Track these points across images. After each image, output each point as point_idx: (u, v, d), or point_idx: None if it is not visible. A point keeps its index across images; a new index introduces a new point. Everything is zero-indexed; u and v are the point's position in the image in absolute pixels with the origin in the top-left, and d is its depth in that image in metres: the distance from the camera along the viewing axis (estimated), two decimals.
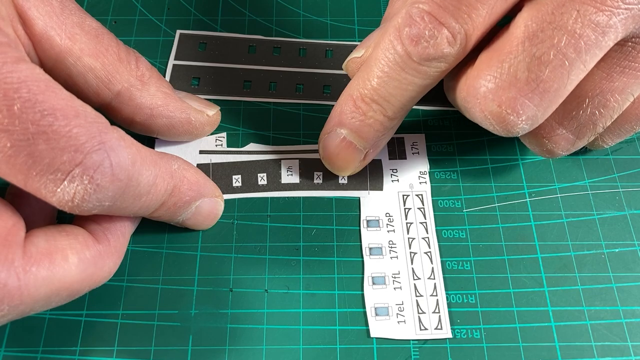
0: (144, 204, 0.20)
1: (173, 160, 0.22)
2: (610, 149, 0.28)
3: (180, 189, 0.22)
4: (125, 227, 0.22)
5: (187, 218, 0.23)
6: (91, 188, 0.17)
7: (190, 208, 0.23)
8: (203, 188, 0.23)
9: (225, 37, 0.30)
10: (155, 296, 0.23)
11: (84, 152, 0.17)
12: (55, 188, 0.17)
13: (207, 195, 0.23)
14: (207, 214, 0.24)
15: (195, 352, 0.22)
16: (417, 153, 0.27)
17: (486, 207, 0.26)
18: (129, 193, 0.19)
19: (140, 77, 0.23)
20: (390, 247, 0.25)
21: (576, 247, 0.25)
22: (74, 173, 0.17)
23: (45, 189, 0.17)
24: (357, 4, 0.32)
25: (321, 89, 0.29)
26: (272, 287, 0.24)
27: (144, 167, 0.19)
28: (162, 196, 0.21)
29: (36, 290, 0.18)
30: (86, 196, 0.17)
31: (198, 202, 0.23)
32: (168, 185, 0.21)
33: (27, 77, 0.17)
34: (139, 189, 0.19)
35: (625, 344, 0.23)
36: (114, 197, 0.18)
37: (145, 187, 0.20)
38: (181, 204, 0.22)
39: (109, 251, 0.20)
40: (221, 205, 0.25)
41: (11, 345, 0.22)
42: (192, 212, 0.23)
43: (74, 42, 0.21)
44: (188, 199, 0.22)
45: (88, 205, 0.18)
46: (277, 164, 0.27)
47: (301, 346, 0.23)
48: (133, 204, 0.20)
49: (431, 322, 0.23)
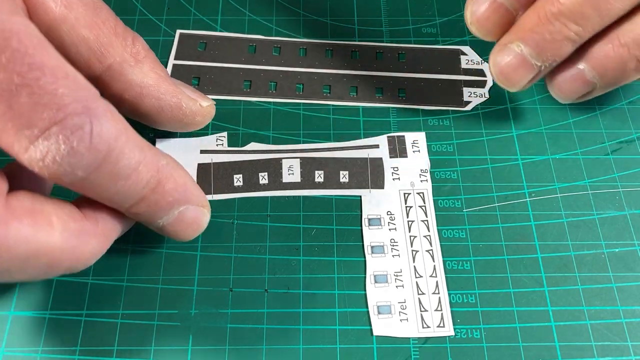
0: (121, 190, 0.19)
1: (163, 155, 0.20)
2: (610, 148, 0.28)
3: (164, 187, 0.20)
4: (118, 217, 0.21)
5: (167, 223, 0.21)
6: (65, 150, 0.17)
7: (172, 212, 0.21)
8: (190, 193, 0.21)
9: (225, 37, 0.30)
10: (155, 296, 0.23)
11: (66, 112, 0.16)
12: (28, 144, 0.16)
13: (192, 203, 0.21)
14: (190, 223, 0.22)
15: (195, 352, 0.22)
16: (417, 151, 0.27)
17: (486, 207, 0.26)
18: (105, 169, 0.18)
19: (134, 54, 0.23)
20: (392, 245, 0.25)
21: (576, 247, 0.25)
22: (50, 131, 0.16)
23: (19, 144, 0.16)
24: (357, 4, 0.32)
25: (321, 89, 0.29)
26: (272, 287, 0.24)
27: (128, 147, 0.18)
28: (143, 188, 0.19)
29: (15, 246, 0.17)
30: (58, 157, 0.17)
31: (182, 207, 0.21)
32: (152, 178, 0.20)
33: (20, 30, 0.16)
34: (117, 168, 0.18)
35: (625, 344, 0.23)
36: (88, 168, 0.17)
37: (125, 169, 0.18)
38: (163, 203, 0.20)
39: (95, 231, 0.20)
40: (207, 217, 0.22)
41: (11, 345, 0.22)
42: (174, 218, 0.21)
43: (69, 11, 0.21)
44: (171, 201, 0.21)
45: (59, 169, 0.17)
46: (278, 163, 0.27)
47: (301, 346, 0.23)
48: (109, 185, 0.18)
49: (433, 320, 0.23)
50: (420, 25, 0.32)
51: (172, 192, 0.20)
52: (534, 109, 0.29)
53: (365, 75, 0.30)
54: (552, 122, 0.28)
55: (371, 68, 0.30)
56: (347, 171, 0.27)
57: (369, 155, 0.27)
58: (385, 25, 0.32)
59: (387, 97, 0.29)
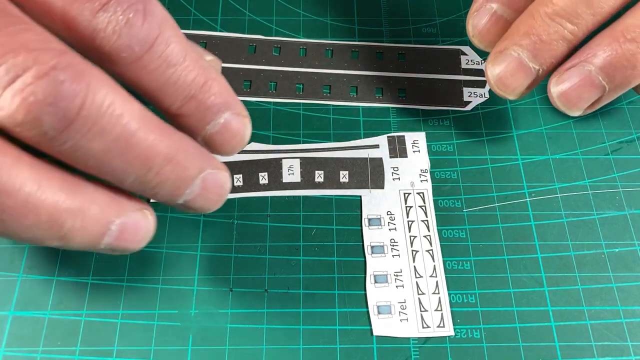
0: (172, 78, 0.19)
1: (204, 58, 0.21)
2: (610, 148, 0.28)
3: (211, 87, 0.20)
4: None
5: (215, 131, 0.21)
6: (122, 20, 0.18)
7: (220, 118, 0.21)
8: (233, 99, 0.21)
9: (225, 37, 0.30)
10: (155, 296, 0.23)
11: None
12: (90, 16, 0.17)
13: (236, 109, 0.21)
14: (235, 133, 0.21)
15: (195, 352, 0.22)
16: (417, 151, 0.27)
17: (486, 207, 0.26)
18: (158, 49, 0.19)
19: None
20: (392, 245, 0.25)
21: (576, 247, 0.25)
22: (109, 4, 0.17)
23: (82, 16, 0.17)
24: (357, 4, 0.32)
25: (321, 89, 0.29)
26: (272, 287, 0.24)
27: (175, 34, 0.19)
28: (192, 82, 0.20)
29: None
30: (117, 27, 0.18)
31: (227, 113, 0.21)
32: (198, 75, 0.20)
33: None
34: (168, 51, 0.19)
35: (625, 344, 0.23)
36: (144, 43, 0.18)
37: (174, 54, 0.19)
38: (210, 104, 0.20)
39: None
40: (249, 128, 0.22)
41: (11, 345, 0.22)
42: (220, 125, 0.21)
43: None
44: (219, 103, 0.20)
45: (117, 41, 0.18)
46: (278, 163, 0.27)
47: (301, 346, 0.23)
48: (162, 71, 0.19)
49: (433, 320, 0.23)
50: (420, 25, 0.32)
51: (218, 94, 0.20)
52: (534, 109, 0.29)
53: (365, 75, 0.30)
54: (552, 122, 0.28)
55: (371, 68, 0.30)
56: (347, 171, 0.27)
57: (369, 155, 0.27)
58: (385, 25, 0.32)
59: (387, 97, 0.29)
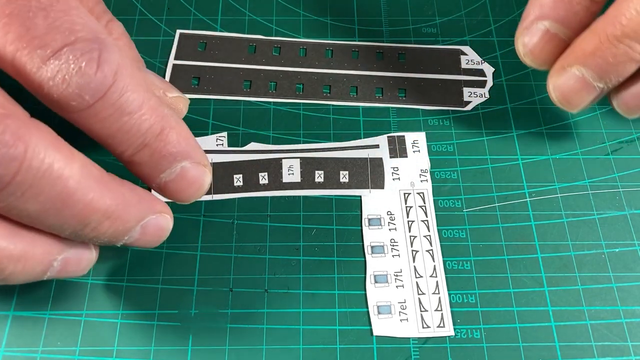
0: (125, 127, 0.19)
1: (165, 105, 0.20)
2: (610, 148, 0.28)
3: (168, 136, 0.20)
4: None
5: (169, 180, 0.20)
6: (74, 69, 0.17)
7: (175, 167, 0.20)
8: (192, 148, 0.21)
9: (225, 37, 0.30)
10: (155, 296, 0.23)
11: (77, 36, 0.17)
12: (41, 63, 0.17)
13: (195, 159, 0.21)
14: (192, 182, 0.21)
15: (195, 352, 0.22)
16: (417, 151, 0.27)
17: (486, 207, 0.26)
18: (111, 98, 0.18)
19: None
20: (392, 245, 0.25)
21: (576, 247, 0.25)
22: (62, 51, 0.17)
23: (31, 63, 0.17)
24: (357, 4, 0.32)
25: (321, 89, 0.29)
26: (272, 287, 0.24)
27: (133, 83, 0.18)
28: (147, 131, 0.19)
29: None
30: (67, 76, 0.17)
31: (184, 162, 0.20)
32: (155, 123, 0.19)
33: None
34: (122, 100, 0.18)
35: (625, 344, 0.23)
36: (95, 93, 0.18)
37: (129, 103, 0.18)
38: (166, 153, 0.20)
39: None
40: (208, 178, 0.22)
41: (11, 345, 0.22)
42: (176, 174, 0.20)
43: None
44: (174, 152, 0.20)
45: (67, 90, 0.17)
46: (278, 163, 0.27)
47: (301, 346, 0.23)
48: (114, 119, 0.18)
49: (433, 320, 0.23)
50: (420, 25, 0.32)
51: (175, 144, 0.20)
52: (534, 109, 0.29)
53: (365, 75, 0.30)
54: (552, 122, 0.28)
55: (371, 68, 0.30)
56: (347, 171, 0.27)
57: (369, 155, 0.27)
58: (385, 25, 0.32)
59: (387, 97, 0.29)
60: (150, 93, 0.19)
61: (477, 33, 0.31)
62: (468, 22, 0.32)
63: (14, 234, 0.18)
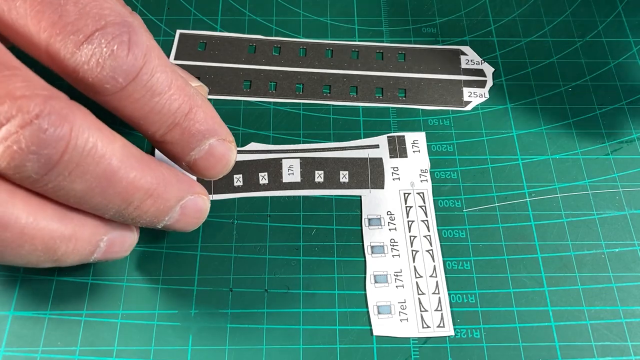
0: (156, 107, 0.19)
1: (190, 85, 0.21)
2: (610, 148, 0.28)
3: (196, 114, 0.20)
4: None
5: (199, 157, 0.21)
6: (106, 52, 0.18)
7: (204, 144, 0.21)
8: (218, 125, 0.21)
9: (225, 37, 0.30)
10: (155, 296, 0.23)
11: (107, 20, 0.18)
12: (74, 49, 0.18)
13: (221, 135, 0.21)
14: (220, 158, 0.22)
15: (195, 352, 0.22)
16: (417, 151, 0.27)
17: (486, 207, 0.26)
18: (143, 80, 0.19)
19: None
20: (392, 245, 0.25)
21: (576, 247, 0.25)
22: (94, 36, 0.18)
23: (65, 49, 0.18)
24: (357, 4, 0.32)
25: (321, 89, 0.29)
26: (272, 287, 0.24)
27: (161, 64, 0.19)
28: (177, 111, 0.20)
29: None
30: (100, 59, 0.18)
31: (212, 139, 0.21)
32: (184, 103, 0.20)
33: None
34: (152, 80, 0.19)
35: (625, 344, 0.23)
36: (128, 74, 0.18)
37: (159, 84, 0.19)
38: (195, 131, 0.21)
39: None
40: (234, 154, 0.22)
41: (11, 345, 0.22)
42: (205, 151, 0.21)
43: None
44: (203, 130, 0.21)
45: (101, 73, 0.18)
46: (278, 163, 0.27)
47: (301, 346, 0.23)
48: (146, 100, 0.19)
49: (433, 320, 0.23)
50: (420, 25, 0.32)
51: (203, 122, 0.21)
52: (534, 109, 0.29)
53: (365, 75, 0.30)
54: (552, 122, 0.28)
55: (371, 68, 0.30)
56: (347, 171, 0.27)
57: (369, 155, 0.27)
58: (385, 25, 0.32)
59: (387, 97, 0.29)
60: (176, 74, 0.20)
61: (477, 33, 0.31)
62: (468, 22, 0.32)
63: (63, 216, 0.19)
